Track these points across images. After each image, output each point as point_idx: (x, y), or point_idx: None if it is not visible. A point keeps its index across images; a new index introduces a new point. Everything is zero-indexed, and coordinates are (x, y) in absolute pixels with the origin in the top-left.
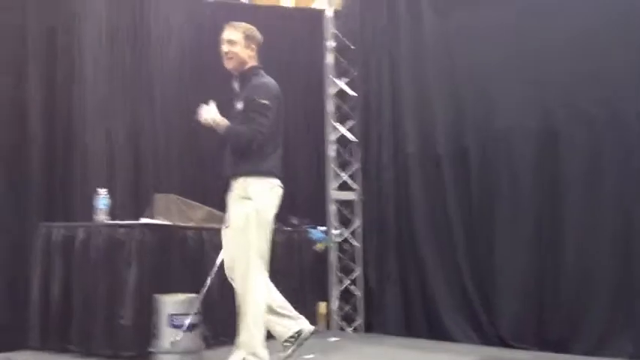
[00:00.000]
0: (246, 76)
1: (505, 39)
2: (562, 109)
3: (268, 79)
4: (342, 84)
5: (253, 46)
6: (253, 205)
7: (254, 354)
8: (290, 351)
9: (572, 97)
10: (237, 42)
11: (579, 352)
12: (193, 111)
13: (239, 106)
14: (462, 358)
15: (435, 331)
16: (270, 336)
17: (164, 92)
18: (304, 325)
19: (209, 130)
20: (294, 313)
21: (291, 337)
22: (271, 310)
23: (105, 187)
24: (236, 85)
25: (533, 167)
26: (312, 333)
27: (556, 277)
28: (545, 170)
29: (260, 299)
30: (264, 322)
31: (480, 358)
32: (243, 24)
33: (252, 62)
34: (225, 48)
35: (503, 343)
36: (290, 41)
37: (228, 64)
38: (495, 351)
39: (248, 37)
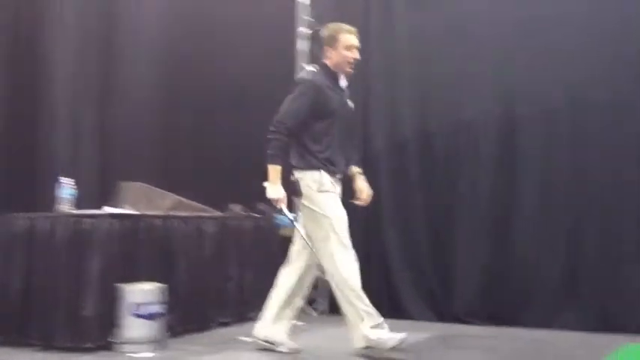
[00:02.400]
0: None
1: (472, 32)
2: (524, 101)
3: None
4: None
5: None
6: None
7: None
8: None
9: (533, 89)
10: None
11: (530, 326)
12: (162, 97)
13: (351, 104)
14: (420, 334)
15: (396, 310)
16: None
17: (132, 80)
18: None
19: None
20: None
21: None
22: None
23: (70, 177)
24: (343, 85)
25: (493, 156)
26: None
27: (509, 257)
28: (504, 159)
29: None
30: None
31: (436, 334)
32: None
33: None
34: (357, 54)
35: (459, 320)
36: (261, 27)
37: (352, 69)
38: (451, 327)
39: None
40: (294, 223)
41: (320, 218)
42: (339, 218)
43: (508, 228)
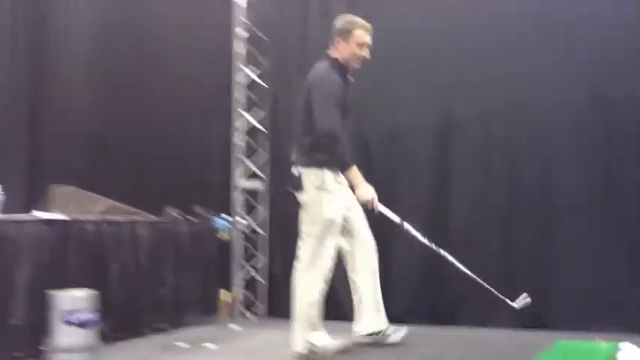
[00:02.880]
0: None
1: (409, 38)
2: (459, 106)
3: None
4: (252, 74)
5: None
6: None
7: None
8: None
9: (470, 90)
10: None
11: (466, 325)
12: (96, 100)
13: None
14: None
15: (336, 312)
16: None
17: (63, 82)
18: None
19: None
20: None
21: None
22: None
23: None
24: (350, 80)
25: (430, 158)
26: None
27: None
28: (441, 160)
29: None
30: None
31: None
32: None
33: None
34: (368, 54)
35: (397, 319)
36: (199, 28)
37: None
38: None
39: None
40: (233, 226)
41: (313, 215)
42: (334, 222)
43: (445, 228)
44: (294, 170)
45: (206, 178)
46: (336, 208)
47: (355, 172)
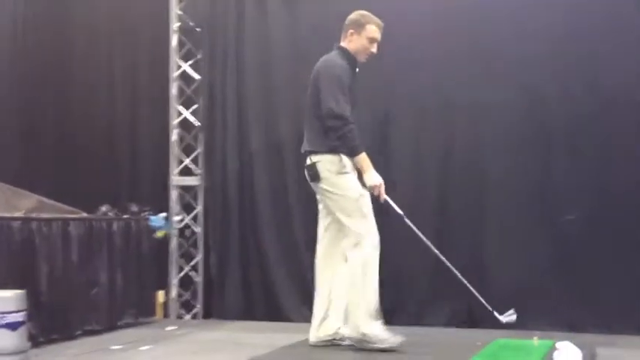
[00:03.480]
0: None
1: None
2: (395, 101)
3: None
4: (186, 67)
5: None
6: None
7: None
8: None
9: (405, 89)
10: None
11: (402, 324)
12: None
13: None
14: (298, 336)
15: (274, 312)
16: None
17: None
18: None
19: None
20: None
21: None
22: None
23: None
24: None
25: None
26: None
27: (381, 258)
28: (375, 158)
29: None
30: None
31: None
32: None
33: None
34: (376, 49)
35: None
36: (134, 21)
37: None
38: None
39: None
40: (169, 224)
41: (343, 200)
42: (363, 196)
43: (380, 227)
44: (308, 160)
45: (139, 174)
46: (358, 184)
47: (364, 157)
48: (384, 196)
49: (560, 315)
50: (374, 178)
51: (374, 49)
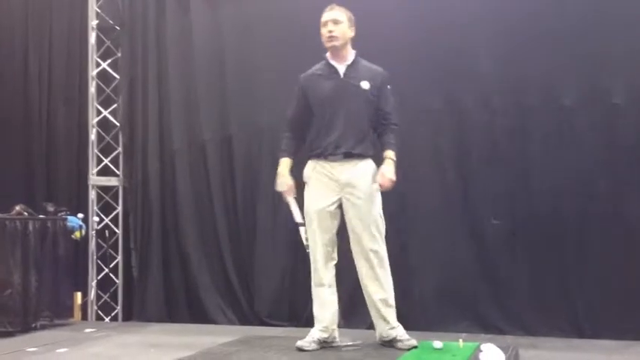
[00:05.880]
0: (354, 57)
1: (274, 31)
2: None
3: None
4: (105, 65)
5: (354, 28)
6: (376, 186)
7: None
8: None
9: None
10: (342, 21)
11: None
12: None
13: (364, 85)
14: (223, 338)
15: (197, 315)
16: None
17: None
18: None
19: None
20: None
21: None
22: None
23: None
24: (336, 64)
25: None
26: None
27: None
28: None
29: None
30: None
31: (239, 337)
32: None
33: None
34: (329, 27)
35: (261, 322)
36: (52, 17)
37: (332, 43)
38: (254, 329)
39: (350, 19)
40: (86, 225)
41: None
42: (305, 214)
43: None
44: None
45: (56, 173)
46: (311, 197)
47: (281, 162)
48: (287, 201)
49: (483, 317)
50: (280, 182)
51: (326, 29)
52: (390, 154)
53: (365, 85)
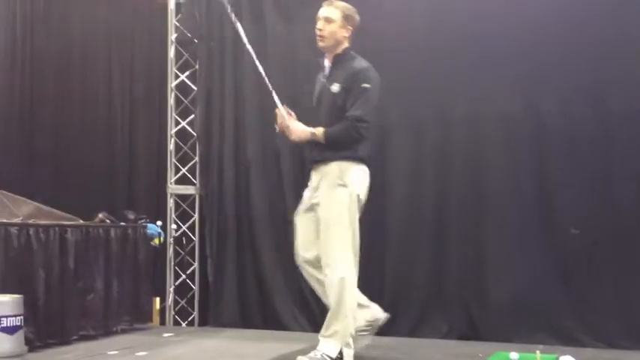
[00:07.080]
0: (340, 57)
1: None
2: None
3: (366, 63)
4: (184, 77)
5: (349, 27)
6: (350, 192)
7: (348, 344)
8: (370, 339)
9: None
10: (334, 20)
11: (400, 335)
12: (22, 101)
13: (334, 88)
14: (294, 345)
15: (270, 321)
16: None
17: None
18: (377, 312)
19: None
20: (366, 302)
21: (367, 325)
22: None
23: None
24: (326, 66)
25: None
26: (386, 319)
27: (380, 269)
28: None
29: (354, 291)
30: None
31: (310, 344)
32: (343, 3)
33: (346, 43)
34: (319, 25)
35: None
36: (133, 32)
37: (320, 43)
38: None
39: (346, 17)
40: (165, 233)
41: None
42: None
43: (379, 237)
44: None
45: (136, 182)
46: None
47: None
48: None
49: (562, 329)
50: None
51: (316, 29)
52: (320, 130)
53: (335, 87)
